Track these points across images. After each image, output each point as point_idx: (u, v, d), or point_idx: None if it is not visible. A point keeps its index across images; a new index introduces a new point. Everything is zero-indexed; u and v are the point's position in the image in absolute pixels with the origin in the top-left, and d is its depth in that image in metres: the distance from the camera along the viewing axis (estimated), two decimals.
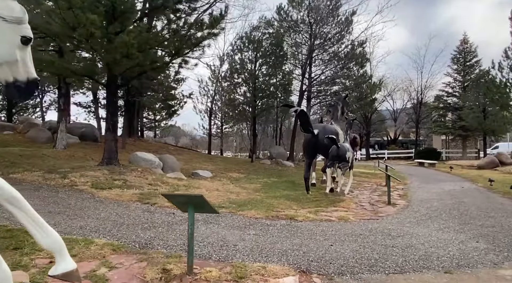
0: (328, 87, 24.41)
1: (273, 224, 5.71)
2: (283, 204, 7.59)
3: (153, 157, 11.13)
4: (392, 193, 10.58)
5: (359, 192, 10.62)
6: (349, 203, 8.26)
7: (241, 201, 7.64)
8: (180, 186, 9.11)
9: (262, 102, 18.41)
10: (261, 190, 9.72)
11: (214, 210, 3.53)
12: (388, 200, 8.55)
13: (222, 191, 8.82)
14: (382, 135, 49.99)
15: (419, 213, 7.42)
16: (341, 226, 5.89)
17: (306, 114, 8.47)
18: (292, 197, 8.83)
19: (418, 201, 9.16)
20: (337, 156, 8.19)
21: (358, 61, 23.45)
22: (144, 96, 17.47)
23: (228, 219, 5.88)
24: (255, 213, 6.39)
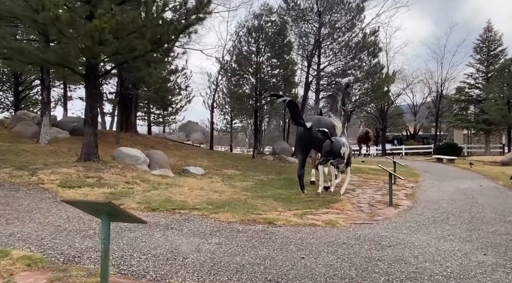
0: (339, 79, 23.45)
1: (245, 230, 5.04)
2: (268, 205, 6.91)
3: (138, 153, 10.60)
4: (398, 193, 9.82)
5: (361, 191, 9.84)
6: (345, 204, 7.52)
7: (221, 202, 7.00)
8: (161, 184, 8.54)
9: (264, 95, 17.64)
10: (251, 188, 9.06)
11: (137, 219, 2.87)
12: (390, 200, 7.77)
13: (206, 190, 8.20)
14: (400, 129, 48.45)
15: (423, 216, 6.63)
16: (325, 232, 5.18)
17: (295, 104, 7.74)
18: (282, 196, 8.15)
19: (425, 201, 8.34)
20: (331, 151, 7.44)
21: (370, 50, 22.36)
22: (138, 89, 16.92)
23: (194, 224, 5.24)
24: (230, 217, 5.73)
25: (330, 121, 8.60)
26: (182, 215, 5.75)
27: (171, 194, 7.39)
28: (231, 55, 20.05)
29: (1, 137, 12.55)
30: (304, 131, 8.07)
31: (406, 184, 11.93)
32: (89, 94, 9.35)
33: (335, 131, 8.37)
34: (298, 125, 7.95)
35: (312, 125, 8.15)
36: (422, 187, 11.20)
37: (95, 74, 9.32)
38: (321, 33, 21.28)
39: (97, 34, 7.34)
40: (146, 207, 6.06)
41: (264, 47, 18.04)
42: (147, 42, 8.97)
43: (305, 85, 20.48)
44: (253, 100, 17.53)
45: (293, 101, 7.80)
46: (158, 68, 13.66)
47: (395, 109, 44.65)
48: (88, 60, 8.47)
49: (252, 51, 18.14)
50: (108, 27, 7.39)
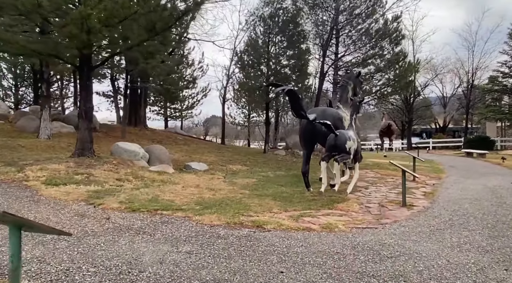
0: (360, 69, 22.42)
1: (226, 236, 4.52)
2: (264, 206, 6.36)
3: (137, 148, 10.26)
4: (415, 191, 9.06)
5: (374, 189, 9.14)
6: (351, 204, 6.87)
7: (212, 201, 6.51)
8: (155, 181, 8.14)
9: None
10: (251, 186, 8.54)
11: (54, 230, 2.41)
12: (403, 200, 7.06)
13: (200, 188, 7.74)
14: (428, 122, 46.45)
15: (439, 219, 5.92)
16: (318, 239, 4.59)
17: (295, 94, 7.11)
18: (284, 195, 7.58)
19: (445, 201, 7.57)
20: (335, 146, 6.80)
21: (393, 38, 21.22)
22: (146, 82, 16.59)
23: (171, 228, 4.77)
24: (215, 219, 5.23)
25: (337, 113, 7.91)
26: (162, 216, 5.29)
27: (161, 192, 6.97)
28: (243, 46, 19.48)
29: (3, 132, 12.55)
30: (307, 124, 7.44)
31: (427, 181, 11.09)
32: (83, 86, 9.05)
33: (342, 124, 7.70)
34: (299, 117, 7.33)
35: (316, 117, 7.51)
36: (444, 185, 10.36)
37: (89, 65, 9.00)
38: (338, 20, 20.37)
39: (83, 21, 6.96)
40: (127, 207, 5.65)
41: (276, 36, 17.32)
42: (142, 30, 8.55)
43: (320, 76, 19.64)
44: (261, 91, 16.89)
45: (293, 90, 7.17)
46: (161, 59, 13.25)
47: (422, 100, 42.84)
48: (79, 50, 8.14)
49: (263, 41, 17.47)
50: (95, 14, 6.99)
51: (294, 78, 17.50)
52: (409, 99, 38.56)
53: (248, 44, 18.48)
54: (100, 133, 14.83)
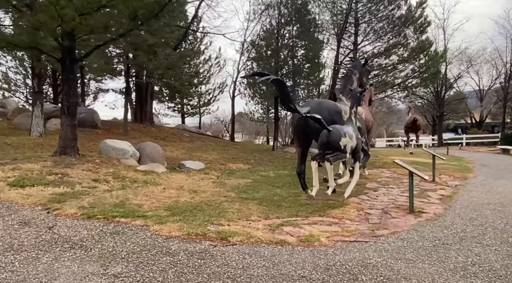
0: (381, 60, 21.24)
1: (177, 252, 3.88)
2: (243, 212, 5.68)
3: (126, 146, 9.79)
4: (432, 194, 8.12)
5: (384, 191, 8.29)
6: (349, 211, 6.08)
7: (186, 206, 5.88)
8: (137, 182, 7.62)
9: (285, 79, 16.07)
10: (242, 187, 7.87)
11: None
12: (410, 206, 6.19)
13: (182, 190, 7.14)
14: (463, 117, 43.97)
15: (449, 230, 5.06)
16: (288, 256, 3.87)
17: (283, 84, 6.32)
18: (275, 199, 6.87)
19: (462, 207, 6.64)
20: (327, 143, 5.99)
21: (417, 25, 19.90)
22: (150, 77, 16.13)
23: (119, 240, 4.17)
24: (177, 229, 4.60)
25: (335, 106, 7.06)
26: (117, 225, 4.71)
27: (134, 195, 6.41)
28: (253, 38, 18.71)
29: None
30: (301, 119, 6.68)
31: (449, 182, 10.06)
32: (66, 80, 8.64)
33: (341, 118, 6.87)
34: (289, 110, 6.57)
35: (310, 111, 6.72)
36: (468, 186, 9.32)
37: (72, 57, 8.58)
38: (357, 7, 19.26)
39: (53, 8, 6.49)
40: (83, 214, 5.10)
41: (286, 26, 16.46)
42: (126, 19, 8.02)
43: (334, 67, 18.62)
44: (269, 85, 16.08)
45: (280, 80, 6.39)
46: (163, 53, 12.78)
47: (455, 93, 40.62)
48: (57, 41, 7.71)
49: (272, 31, 16.66)
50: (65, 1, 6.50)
51: (305, 70, 16.60)
52: (440, 92, 36.64)
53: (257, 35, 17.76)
54: (101, 130, 14.59)
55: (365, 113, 10.53)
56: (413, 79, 20.62)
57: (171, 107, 37.06)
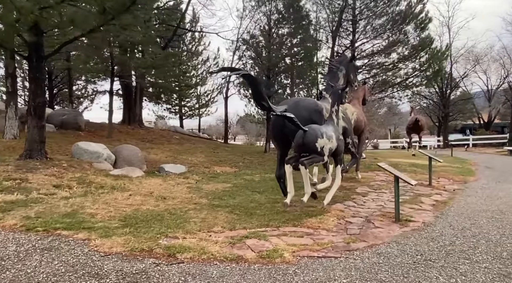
0: (380, 58, 20.61)
1: (106, 274, 3.37)
2: (208, 222, 5.17)
3: (100, 149, 9.32)
4: (426, 199, 7.57)
5: (374, 197, 7.75)
6: (327, 219, 5.55)
7: (146, 215, 5.39)
8: (103, 187, 7.14)
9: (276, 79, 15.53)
10: (219, 193, 7.36)
11: None
12: (396, 215, 5.64)
13: (150, 197, 6.65)
14: (470, 117, 43.07)
15: (436, 242, 4.52)
16: (239, 277, 3.37)
17: (255, 80, 5.80)
18: (250, 206, 6.36)
19: (456, 215, 6.09)
20: (302, 145, 5.46)
21: (418, 22, 19.26)
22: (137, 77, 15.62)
23: (45, 259, 3.67)
24: (122, 243, 4.10)
25: (315, 104, 6.50)
26: (54, 239, 4.21)
27: (92, 203, 5.92)
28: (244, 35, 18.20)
29: None
30: (277, 119, 6.16)
31: (447, 186, 9.50)
32: (33, 78, 8.19)
33: (322, 117, 6.33)
34: (263, 109, 6.06)
35: (287, 110, 6.19)
36: (467, 191, 8.76)
37: (40, 55, 8.13)
38: (355, 3, 18.68)
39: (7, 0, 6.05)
40: (23, 225, 4.62)
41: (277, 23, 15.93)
42: (95, 13, 7.56)
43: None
44: None
45: (251, 75, 5.86)
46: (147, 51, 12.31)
47: (462, 94, 39.80)
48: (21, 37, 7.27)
49: (263, 28, 16.14)
50: None
51: (297, 69, 16.04)
52: (445, 91, 35.94)
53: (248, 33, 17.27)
54: (84, 133, 14.15)
55: (357, 113, 9.99)
56: (414, 78, 20.02)
57: (169, 109, 36.76)
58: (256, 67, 16.01)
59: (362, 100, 11.33)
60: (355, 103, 10.73)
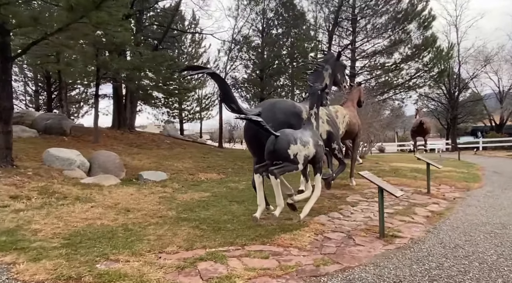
0: (383, 58, 19.99)
1: None
2: (164, 239, 4.63)
3: (73, 155, 8.84)
4: (421, 210, 6.97)
5: (364, 207, 7.17)
6: (303, 235, 4.99)
7: (97, 232, 4.87)
8: (68, 197, 6.65)
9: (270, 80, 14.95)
10: (192, 204, 6.82)
11: None
12: (381, 229, 5.05)
13: (114, 209, 6.13)
14: (481, 119, 41.99)
15: (421, 265, 3.96)
16: None
17: (223, 80, 5.24)
18: (223, 219, 5.82)
19: (451, 229, 5.49)
20: (273, 152, 4.90)
21: (421, 20, 18.63)
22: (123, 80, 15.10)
23: None
24: (50, 268, 3.58)
25: (293, 107, 5.91)
26: None
27: (43, 217, 5.42)
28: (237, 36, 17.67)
29: None
30: (250, 123, 5.62)
31: (447, 194, 8.88)
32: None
33: (301, 121, 5.76)
34: (233, 111, 5.51)
35: (261, 113, 5.64)
36: (468, 200, 8.12)
37: (5, 56, 7.69)
38: (355, 1, 18.11)
39: None
40: None
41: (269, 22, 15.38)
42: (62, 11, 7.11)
43: None
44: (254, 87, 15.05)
45: (216, 74, 5.31)
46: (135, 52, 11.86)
47: (472, 95, 38.83)
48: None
49: (255, 28, 15.64)
50: None
51: (294, 70, 15.48)
52: (453, 93, 35.09)
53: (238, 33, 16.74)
54: (69, 138, 13.72)
55: (349, 115, 9.40)
56: (418, 79, 19.35)
57: (168, 113, 36.34)
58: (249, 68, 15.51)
59: (358, 102, 10.74)
60: (348, 105, 10.15)
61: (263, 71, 14.47)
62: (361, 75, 19.74)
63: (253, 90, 15.33)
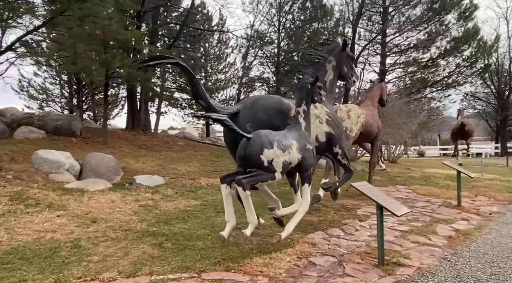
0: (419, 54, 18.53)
1: None
2: (108, 261, 3.95)
3: (63, 158, 8.42)
4: (444, 228, 5.94)
5: (374, 222, 6.16)
6: (284, 258, 4.18)
7: (38, 249, 4.27)
8: (41, 204, 6.15)
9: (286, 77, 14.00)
10: (172, 215, 6.12)
11: None
12: (380, 256, 4.12)
13: (79, 219, 5.53)
14: None
15: None
16: None
17: (187, 70, 4.46)
18: (196, 234, 5.08)
19: (475, 256, 4.48)
20: (244, 157, 4.09)
21: (461, 10, 17.04)
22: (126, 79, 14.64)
23: None
24: None
25: (279, 104, 4.99)
26: None
27: None
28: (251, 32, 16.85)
29: None
30: (215, 122, 4.85)
31: (483, 208, 7.68)
32: None
33: (287, 120, 4.90)
34: (207, 109, 4.74)
35: (240, 111, 4.83)
36: (507, 216, 6.97)
37: None
38: None
39: None
40: None
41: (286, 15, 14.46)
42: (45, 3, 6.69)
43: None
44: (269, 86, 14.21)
45: (181, 64, 4.54)
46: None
47: None
48: None
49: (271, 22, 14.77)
50: None
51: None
52: (503, 92, 32.51)
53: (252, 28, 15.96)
54: (77, 139, 13.53)
55: (365, 115, 8.40)
56: (458, 75, 17.71)
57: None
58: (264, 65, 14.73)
59: (379, 100, 9.69)
60: (367, 104, 9.12)
61: (278, 68, 13.65)
62: (393, 72, 18.42)
63: (268, 88, 14.56)
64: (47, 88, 29.25)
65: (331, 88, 6.28)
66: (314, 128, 5.41)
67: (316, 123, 5.53)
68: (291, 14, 14.55)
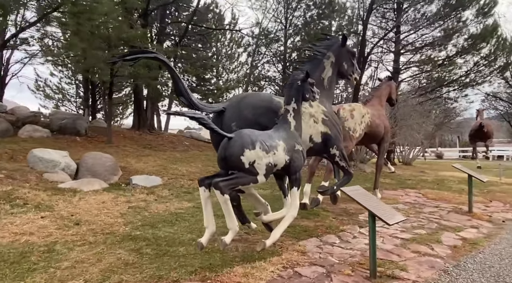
0: (435, 52, 17.91)
1: None
2: (77, 269, 3.74)
3: (58, 157, 8.31)
4: (451, 236, 5.57)
5: (377, 229, 5.80)
6: (268, 268, 3.91)
7: (9, 252, 4.08)
8: (29, 204, 6.01)
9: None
10: (160, 217, 5.90)
11: None
12: (371, 268, 3.80)
13: (62, 220, 5.35)
14: None
15: None
16: None
17: (168, 65, 4.20)
18: (181, 239, 4.84)
19: (479, 269, 4.13)
20: (224, 159, 3.82)
21: (480, 6, 16.38)
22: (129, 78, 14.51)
23: None
24: None
25: (268, 102, 4.69)
26: None
27: None
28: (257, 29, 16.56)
29: None
30: (216, 122, 4.60)
31: (497, 214, 7.25)
32: None
33: (272, 118, 4.60)
34: (187, 106, 4.49)
35: (227, 110, 4.57)
36: None
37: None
38: None
39: None
40: None
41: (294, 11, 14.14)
42: None
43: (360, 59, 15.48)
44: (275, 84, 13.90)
45: (163, 59, 4.26)
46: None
47: None
48: None
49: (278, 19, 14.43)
50: None
51: None
52: None
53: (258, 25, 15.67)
54: (81, 138, 13.49)
55: (371, 115, 8.02)
56: (476, 74, 17.04)
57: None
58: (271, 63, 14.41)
59: (388, 99, 9.28)
60: (374, 103, 8.73)
61: (285, 66, 13.34)
62: (408, 70, 17.86)
63: (274, 86, 14.27)
64: (63, 87, 29.70)
65: (329, 85, 5.94)
66: (308, 128, 5.11)
67: (311, 123, 5.22)
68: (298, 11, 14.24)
